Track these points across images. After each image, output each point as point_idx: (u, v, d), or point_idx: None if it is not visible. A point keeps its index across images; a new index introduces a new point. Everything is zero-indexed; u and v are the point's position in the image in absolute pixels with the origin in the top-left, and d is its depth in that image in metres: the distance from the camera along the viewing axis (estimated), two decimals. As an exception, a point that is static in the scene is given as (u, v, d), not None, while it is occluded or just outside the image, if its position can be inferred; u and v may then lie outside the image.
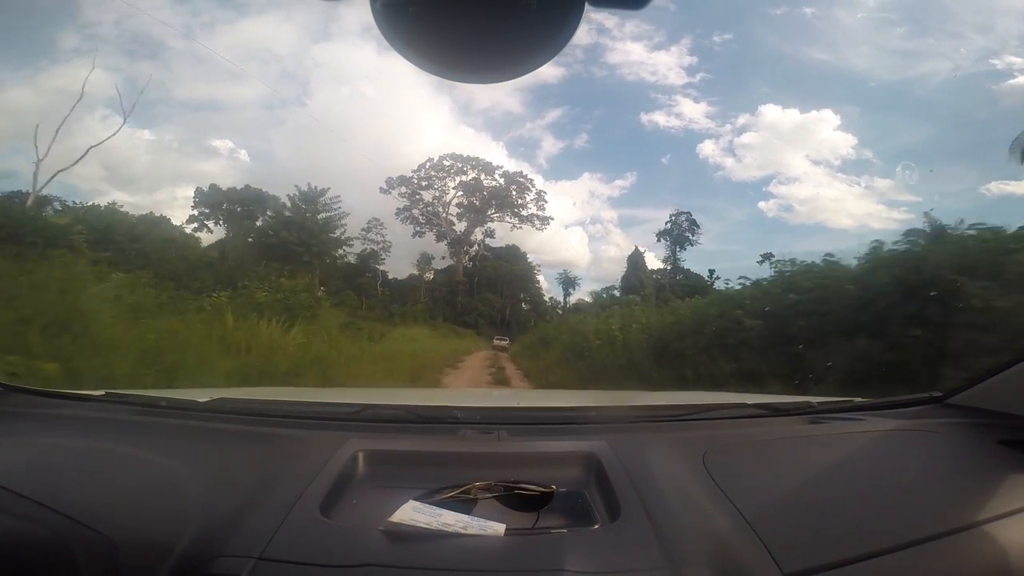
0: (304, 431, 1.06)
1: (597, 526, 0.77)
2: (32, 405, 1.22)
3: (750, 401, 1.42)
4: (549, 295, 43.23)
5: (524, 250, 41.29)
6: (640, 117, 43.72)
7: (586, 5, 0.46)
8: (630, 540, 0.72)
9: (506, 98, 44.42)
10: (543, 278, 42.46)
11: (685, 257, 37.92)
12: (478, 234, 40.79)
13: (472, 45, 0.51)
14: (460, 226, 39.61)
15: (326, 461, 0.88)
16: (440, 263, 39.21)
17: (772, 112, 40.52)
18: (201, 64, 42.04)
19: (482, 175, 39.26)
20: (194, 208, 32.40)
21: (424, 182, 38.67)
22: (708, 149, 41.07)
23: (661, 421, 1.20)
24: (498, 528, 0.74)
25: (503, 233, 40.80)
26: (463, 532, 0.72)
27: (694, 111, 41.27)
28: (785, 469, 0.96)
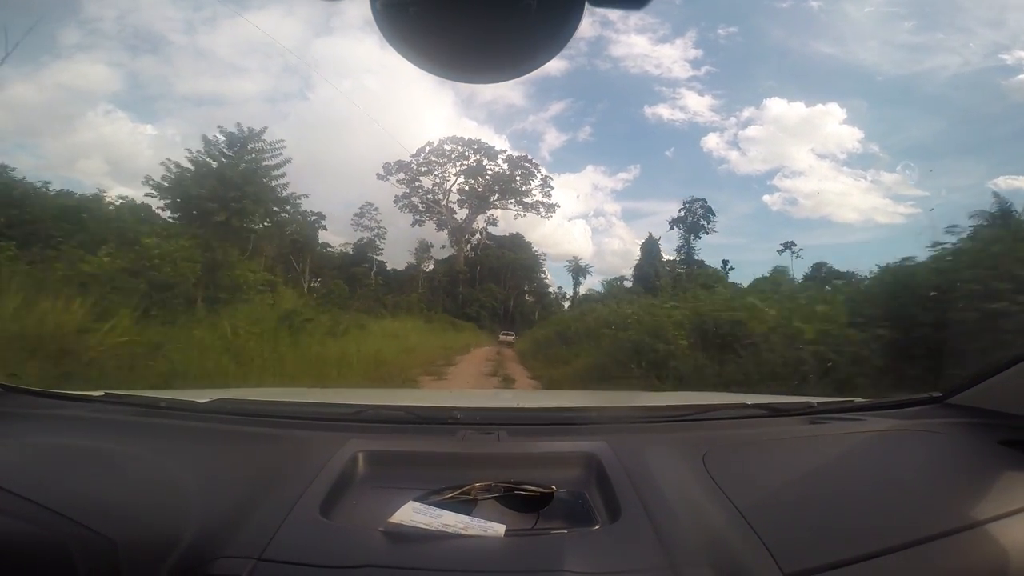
0: (304, 431, 1.06)
1: (597, 527, 0.77)
2: (32, 405, 1.22)
3: (750, 401, 1.42)
4: (556, 287, 42.25)
5: (528, 241, 39.95)
6: (644, 110, 44.07)
7: (586, 4, 0.46)
8: (630, 540, 0.72)
9: (509, 92, 44.57)
10: (547, 270, 41.81)
11: (700, 246, 36.99)
12: (480, 222, 39.30)
13: (473, 45, 0.51)
14: (461, 214, 38.18)
15: (326, 461, 0.88)
16: (441, 253, 37.96)
17: (777, 105, 40.62)
18: (203, 59, 41.95)
19: (485, 160, 37.79)
20: (154, 190, 31.43)
21: (423, 168, 37.19)
22: (712, 142, 41.34)
23: (661, 421, 1.20)
24: (498, 529, 0.73)
25: (506, 221, 39.54)
26: (463, 533, 0.72)
27: (699, 104, 41.34)
28: (785, 469, 0.96)
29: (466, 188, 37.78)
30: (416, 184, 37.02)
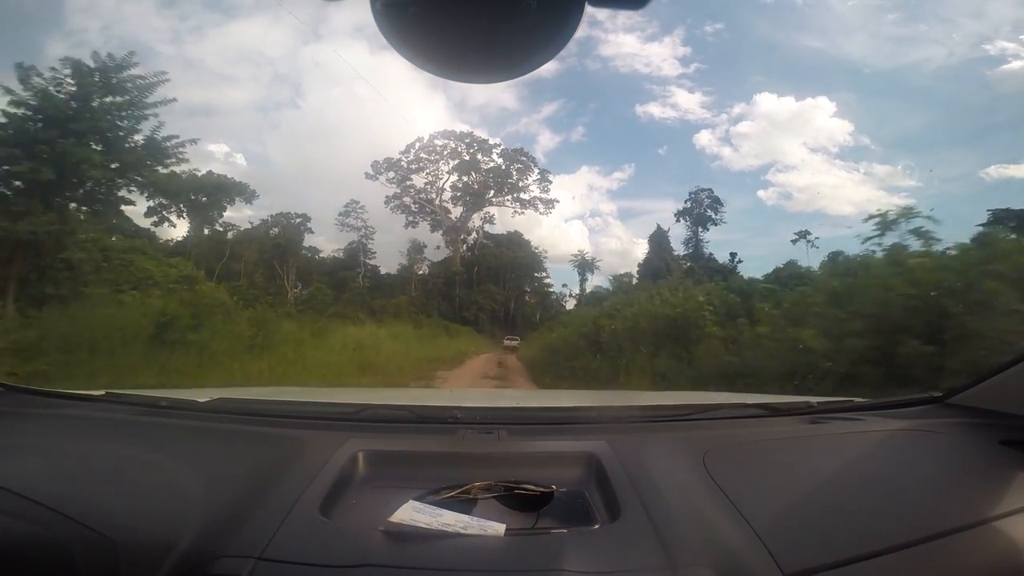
0: (304, 431, 1.06)
1: (597, 526, 0.77)
2: (32, 405, 1.22)
3: (750, 401, 1.42)
4: (562, 284, 40.80)
5: (526, 240, 37.97)
6: (636, 109, 43.86)
7: (586, 5, 0.46)
8: (630, 540, 0.72)
9: (501, 94, 44.30)
10: (548, 270, 39.98)
11: (708, 238, 35.81)
12: (476, 220, 37.50)
13: (473, 45, 0.51)
14: (456, 212, 36.47)
15: (326, 461, 0.88)
16: (437, 255, 36.26)
17: (767, 100, 40.61)
18: (192, 68, 40.88)
19: (479, 154, 35.98)
20: (149, 199, 29.92)
21: (414, 166, 35.45)
22: (705, 139, 41.19)
23: (661, 421, 1.20)
24: (498, 528, 0.74)
25: (504, 220, 37.76)
26: (463, 532, 0.72)
27: (689, 101, 41.52)
28: (785, 469, 0.96)
29: (460, 185, 36.33)
30: (407, 183, 35.68)
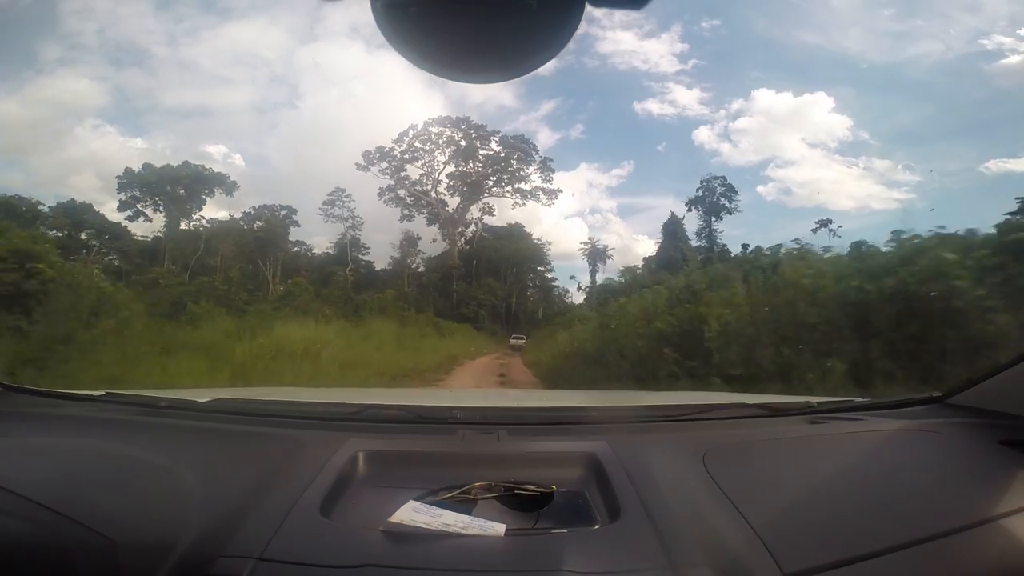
0: (304, 431, 1.06)
1: (597, 526, 0.77)
2: (32, 405, 1.22)
3: (750, 401, 1.42)
4: (570, 278, 39.35)
5: (528, 232, 35.52)
6: (634, 106, 42.93)
7: (586, 5, 0.46)
8: (630, 540, 0.72)
9: (499, 92, 43.46)
10: (551, 263, 37.58)
11: (722, 227, 32.91)
12: (475, 212, 35.05)
13: (474, 45, 0.51)
14: (453, 203, 34.05)
15: (326, 461, 0.88)
16: (434, 248, 33.78)
17: (766, 96, 39.98)
18: (188, 70, 40.95)
19: (477, 141, 33.37)
20: (120, 192, 26.79)
21: (408, 155, 32.79)
22: (704, 135, 40.60)
23: (661, 421, 1.20)
24: (498, 528, 0.73)
25: (503, 212, 35.43)
26: (463, 532, 0.72)
27: (688, 98, 40.47)
28: (785, 469, 0.96)
29: (457, 173, 33.86)
30: (402, 175, 33.13)
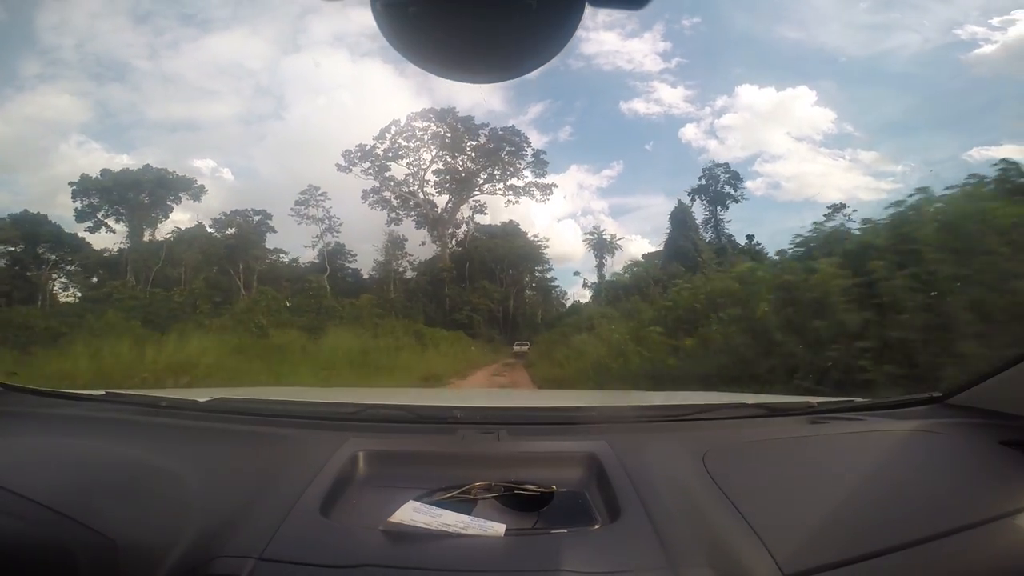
0: (304, 431, 1.06)
1: (597, 526, 0.77)
2: (32, 405, 1.22)
3: (750, 401, 1.42)
4: (574, 274, 38.15)
5: (523, 231, 33.54)
6: (621, 106, 42.86)
7: (586, 5, 0.46)
8: (630, 540, 0.72)
9: (487, 97, 43.32)
10: (548, 261, 35.67)
11: (729, 217, 31.97)
12: (465, 211, 33.17)
13: (473, 45, 0.51)
14: (442, 201, 32.22)
15: (326, 461, 0.88)
16: (424, 252, 32.06)
17: (749, 92, 40.30)
18: (172, 83, 40.51)
19: (465, 135, 31.35)
20: (76, 199, 26.16)
21: (391, 153, 30.88)
22: (690, 133, 41.11)
23: (661, 421, 1.20)
24: (498, 528, 0.74)
25: (496, 211, 33.56)
26: (463, 532, 0.72)
27: (673, 96, 40.58)
28: (785, 469, 0.96)
29: (444, 169, 31.79)
30: (387, 175, 31.32)
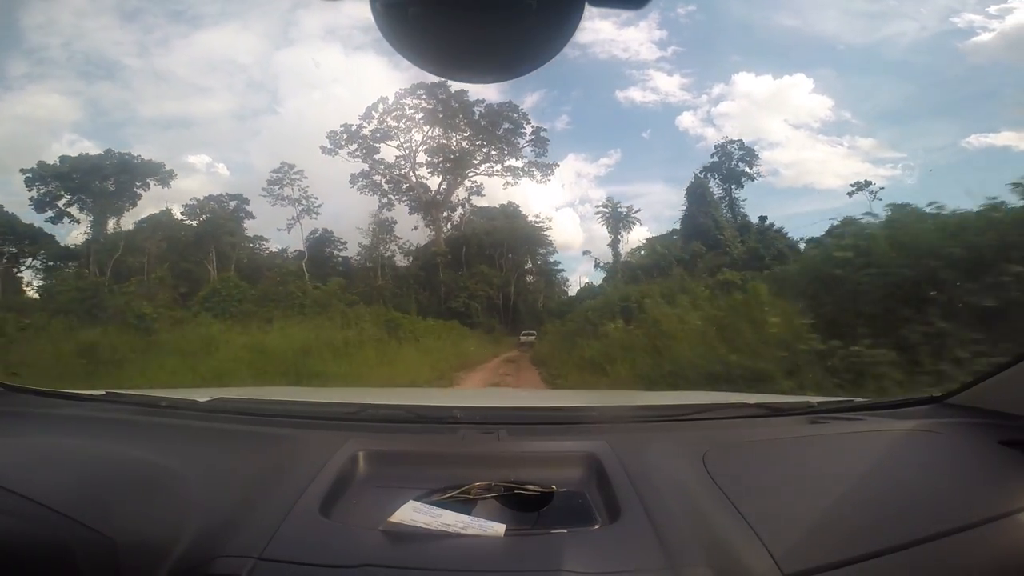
0: (304, 431, 1.06)
1: (597, 526, 0.77)
2: (32, 405, 1.22)
3: (750, 401, 1.42)
4: (584, 253, 34.89)
5: (523, 213, 31.14)
6: (617, 94, 42.18)
7: (586, 5, 0.46)
8: (630, 540, 0.72)
9: (484, 89, 42.19)
10: (552, 243, 33.24)
11: (745, 195, 29.44)
12: (461, 192, 30.87)
13: (474, 46, 0.51)
14: (435, 183, 29.97)
15: (326, 461, 0.88)
16: (418, 237, 30.02)
17: (746, 80, 39.82)
18: (163, 80, 39.16)
19: (459, 112, 29.05)
20: (31, 187, 24.05)
21: (379, 134, 28.60)
22: (687, 121, 40.67)
23: (661, 421, 1.20)
24: (498, 528, 0.74)
25: (494, 193, 31.33)
26: (463, 532, 0.72)
27: (669, 84, 40.35)
28: (785, 469, 0.96)
29: (437, 147, 29.36)
30: (376, 158, 28.97)
